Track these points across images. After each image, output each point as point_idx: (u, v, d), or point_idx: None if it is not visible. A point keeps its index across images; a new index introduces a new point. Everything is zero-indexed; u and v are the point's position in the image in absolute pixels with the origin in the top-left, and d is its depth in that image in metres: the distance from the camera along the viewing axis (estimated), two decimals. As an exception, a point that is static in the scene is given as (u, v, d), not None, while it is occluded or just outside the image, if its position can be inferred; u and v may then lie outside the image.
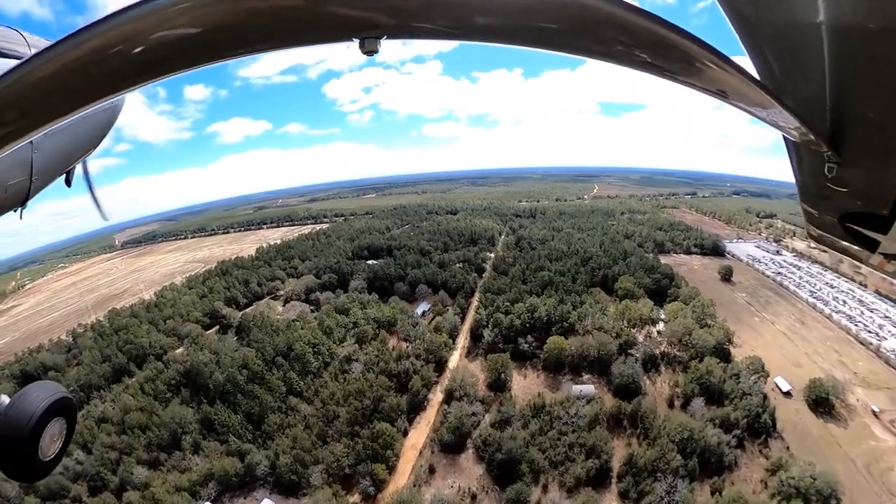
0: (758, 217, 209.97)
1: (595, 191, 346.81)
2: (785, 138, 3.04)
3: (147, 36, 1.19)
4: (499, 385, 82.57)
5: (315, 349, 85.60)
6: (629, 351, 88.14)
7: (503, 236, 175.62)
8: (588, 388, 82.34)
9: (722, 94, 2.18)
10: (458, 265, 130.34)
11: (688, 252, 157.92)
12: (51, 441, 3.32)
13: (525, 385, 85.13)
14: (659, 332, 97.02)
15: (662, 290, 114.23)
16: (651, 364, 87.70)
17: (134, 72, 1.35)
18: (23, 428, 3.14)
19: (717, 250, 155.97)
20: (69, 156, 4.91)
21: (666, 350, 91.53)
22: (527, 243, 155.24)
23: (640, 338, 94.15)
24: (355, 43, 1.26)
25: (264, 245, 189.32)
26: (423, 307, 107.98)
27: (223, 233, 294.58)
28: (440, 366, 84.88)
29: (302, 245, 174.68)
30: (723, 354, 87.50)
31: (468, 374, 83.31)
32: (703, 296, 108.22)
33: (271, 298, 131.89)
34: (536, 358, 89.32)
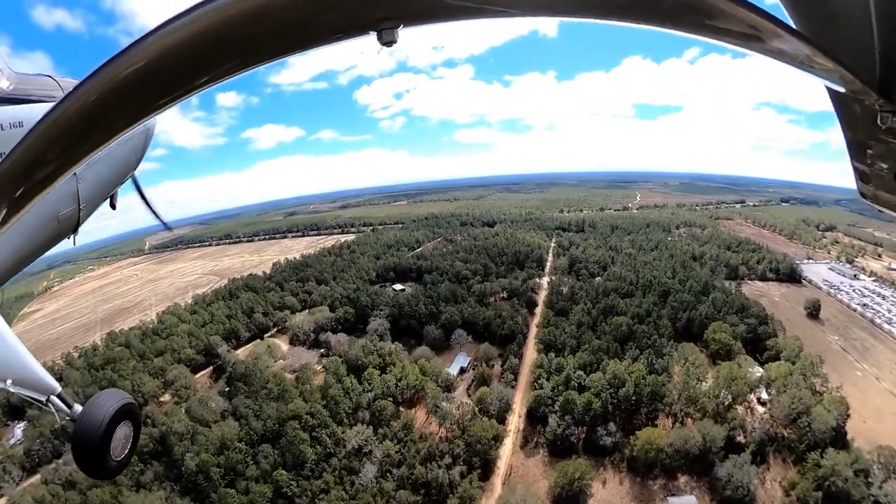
0: (818, 229, 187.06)
1: (638, 199, 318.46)
2: (830, 93, 2.79)
3: (163, 60, 1.20)
4: (571, 498, 55.84)
5: (314, 433, 60.66)
6: (737, 439, 62.05)
7: (551, 255, 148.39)
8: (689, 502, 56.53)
9: (757, 44, 1.93)
10: (502, 297, 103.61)
11: (763, 278, 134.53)
12: (120, 443, 3.58)
13: (606, 499, 58.13)
14: (762, 403, 70.77)
15: (759, 339, 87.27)
16: (758, 452, 62.58)
17: (155, 96, 1.37)
18: (94, 433, 3.34)
19: (793, 276, 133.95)
20: (110, 182, 5.13)
21: (772, 429, 64.53)
22: (584, 267, 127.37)
23: (749, 417, 66.93)
24: (372, 36, 1.20)
25: (282, 260, 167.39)
26: (460, 361, 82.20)
27: (248, 241, 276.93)
28: (486, 467, 58.48)
29: (321, 262, 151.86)
30: (839, 435, 63.04)
31: (527, 479, 56.76)
32: (808, 349, 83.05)
33: (277, 332, 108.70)
34: (618, 451, 62.29)
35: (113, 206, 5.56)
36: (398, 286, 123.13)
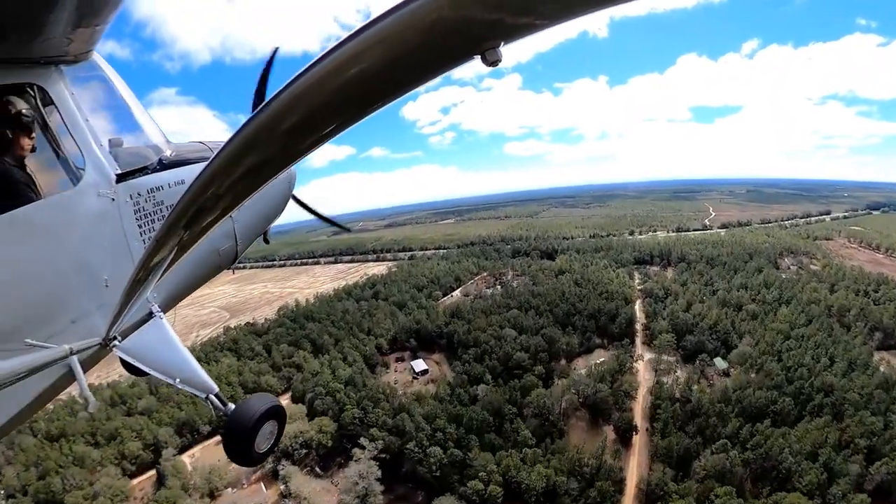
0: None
1: (712, 213, 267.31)
2: None
3: (290, 117, 1.27)
4: None
5: None
6: None
7: (639, 309, 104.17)
8: None
9: None
10: (576, 410, 61.69)
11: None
12: (264, 438, 3.90)
13: None
14: None
15: None
16: None
17: (285, 153, 1.48)
18: (244, 427, 3.73)
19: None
20: (261, 221, 5.70)
21: None
22: (696, 340, 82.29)
23: None
24: (477, 59, 1.18)
25: (292, 304, 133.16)
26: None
27: (280, 265, 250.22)
28: None
29: (333, 310, 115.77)
30: None
31: None
32: None
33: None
34: None
35: (266, 241, 6.15)
36: (419, 364, 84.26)
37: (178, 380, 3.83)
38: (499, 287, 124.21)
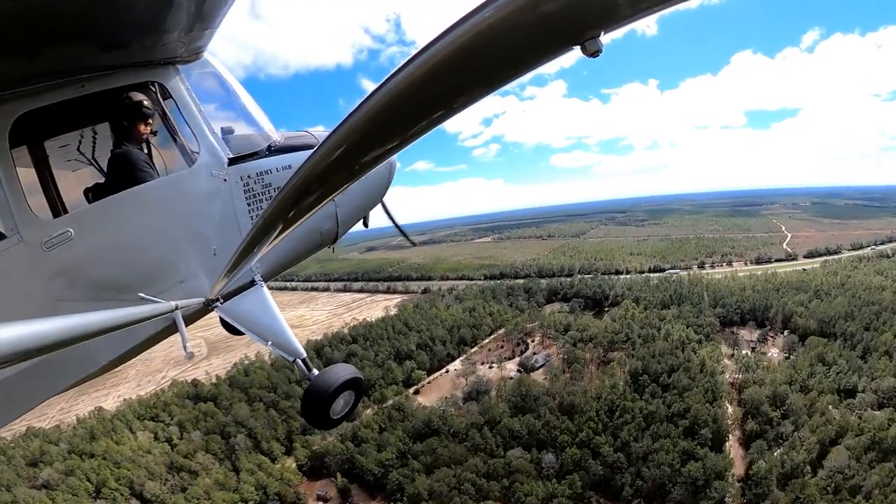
0: None
1: (787, 235, 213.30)
2: None
3: (390, 112, 1.28)
4: None
5: None
6: None
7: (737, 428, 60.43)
8: None
9: None
10: None
11: None
12: (340, 405, 4.07)
13: None
14: None
15: None
16: None
17: (387, 143, 1.51)
18: (324, 393, 3.91)
19: None
20: (362, 207, 5.75)
21: None
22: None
23: None
24: (577, 50, 1.11)
25: (252, 359, 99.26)
26: None
27: (293, 288, 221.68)
28: None
29: (271, 381, 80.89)
30: None
31: None
32: None
33: None
34: None
35: (365, 225, 6.10)
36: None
37: (270, 342, 4.11)
38: (513, 368, 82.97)
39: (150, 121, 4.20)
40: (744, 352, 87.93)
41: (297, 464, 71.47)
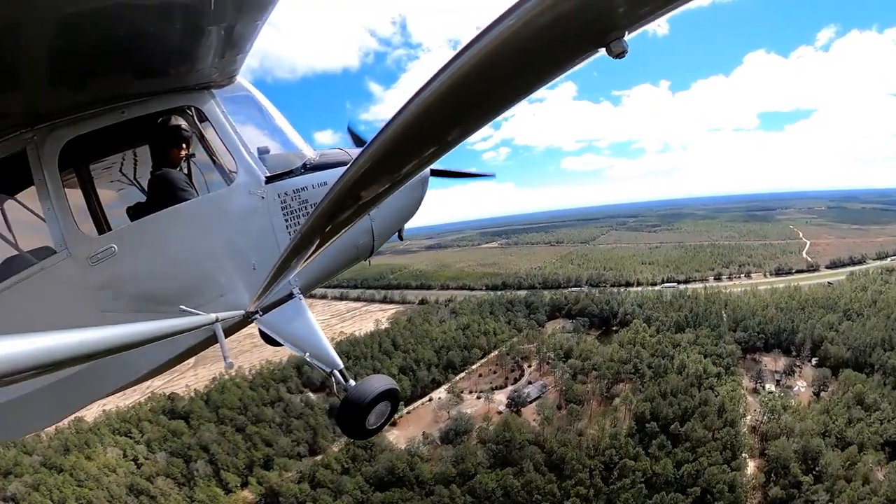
0: None
1: (806, 243, 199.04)
2: None
3: (420, 125, 1.27)
4: None
5: None
6: None
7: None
8: None
9: None
10: None
11: None
12: (376, 415, 4.09)
13: None
14: None
15: None
16: None
17: (417, 156, 1.50)
18: (360, 403, 3.92)
19: None
20: (397, 220, 5.71)
21: None
22: None
23: None
24: (602, 52, 1.10)
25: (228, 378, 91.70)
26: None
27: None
28: None
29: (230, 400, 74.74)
30: None
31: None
32: None
33: None
34: None
35: (401, 238, 6.14)
36: None
37: (307, 353, 4.14)
38: (502, 401, 72.99)
39: (189, 143, 4.37)
40: (768, 387, 76.69)
41: (249, 502, 66.33)
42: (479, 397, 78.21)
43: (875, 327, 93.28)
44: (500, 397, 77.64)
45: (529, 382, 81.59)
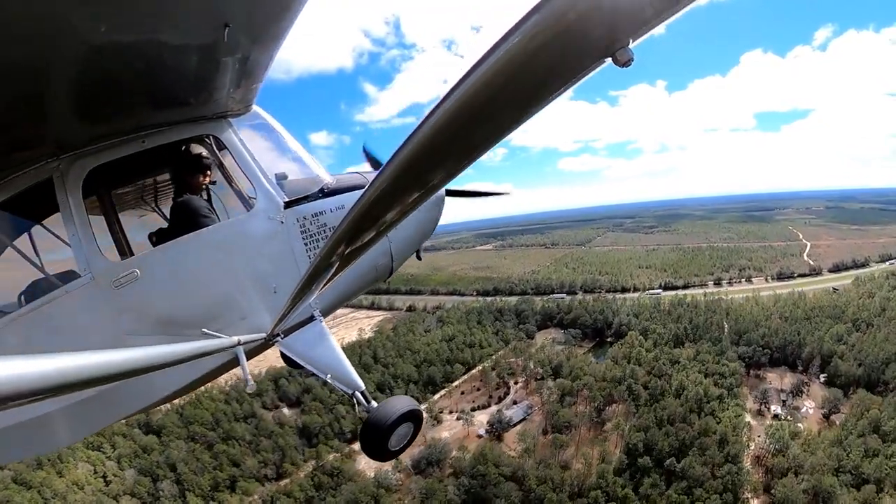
0: None
1: (806, 244, 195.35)
2: None
3: (434, 144, 1.26)
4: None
5: None
6: None
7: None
8: None
9: None
10: None
11: None
12: (399, 437, 4.10)
13: None
14: None
15: None
16: None
17: (427, 179, 1.50)
18: (382, 425, 3.94)
19: None
20: (414, 241, 5.74)
21: None
22: None
23: None
24: (608, 62, 1.09)
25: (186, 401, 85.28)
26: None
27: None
28: None
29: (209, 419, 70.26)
30: None
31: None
32: None
33: None
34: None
35: (419, 258, 6.16)
36: None
37: (329, 375, 4.16)
38: (483, 423, 66.35)
39: (209, 171, 4.51)
40: (773, 410, 69.98)
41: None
42: (458, 418, 71.63)
43: (887, 339, 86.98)
44: (482, 418, 71.07)
45: (514, 402, 74.96)
